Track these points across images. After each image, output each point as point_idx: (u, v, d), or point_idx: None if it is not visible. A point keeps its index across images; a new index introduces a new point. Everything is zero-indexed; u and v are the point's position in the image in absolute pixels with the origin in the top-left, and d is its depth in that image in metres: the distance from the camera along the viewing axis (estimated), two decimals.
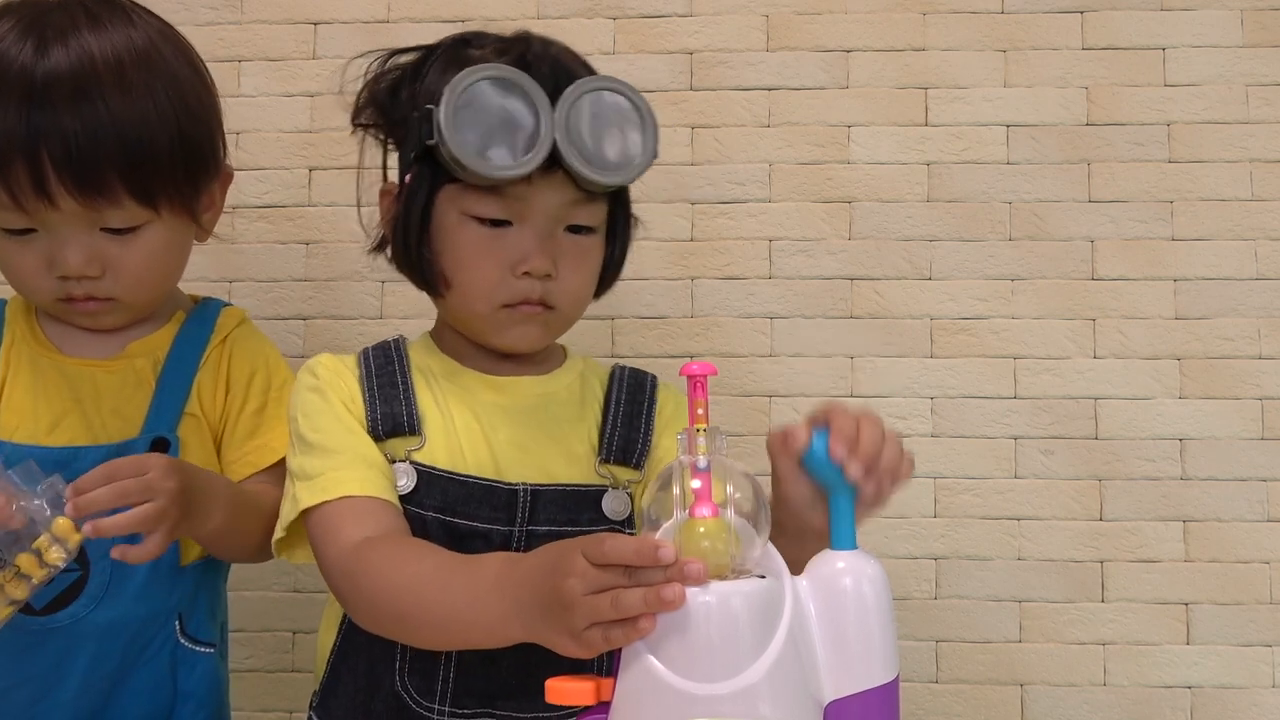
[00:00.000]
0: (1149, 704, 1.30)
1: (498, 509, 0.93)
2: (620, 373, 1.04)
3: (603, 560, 0.70)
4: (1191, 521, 1.31)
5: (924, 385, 1.34)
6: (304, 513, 0.91)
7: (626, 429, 1.00)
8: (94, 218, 0.95)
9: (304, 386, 0.98)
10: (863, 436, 0.78)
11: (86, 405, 1.01)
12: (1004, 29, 1.37)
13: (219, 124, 1.03)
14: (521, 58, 0.94)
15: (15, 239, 0.96)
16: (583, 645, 0.70)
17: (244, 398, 1.05)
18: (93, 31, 0.94)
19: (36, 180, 0.91)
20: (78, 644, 0.97)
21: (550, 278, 0.95)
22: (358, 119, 1.04)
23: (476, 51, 0.97)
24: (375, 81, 1.02)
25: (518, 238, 0.94)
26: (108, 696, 0.99)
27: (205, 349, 1.05)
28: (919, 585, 1.32)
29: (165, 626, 1.01)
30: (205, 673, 1.04)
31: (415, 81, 0.98)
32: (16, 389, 1.01)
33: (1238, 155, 1.33)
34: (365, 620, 0.88)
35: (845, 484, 0.76)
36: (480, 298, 0.96)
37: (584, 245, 0.98)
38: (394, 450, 0.95)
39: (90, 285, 0.97)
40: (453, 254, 0.96)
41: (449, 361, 1.01)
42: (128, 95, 0.93)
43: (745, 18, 1.38)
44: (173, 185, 0.97)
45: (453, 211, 0.95)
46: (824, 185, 1.36)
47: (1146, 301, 1.33)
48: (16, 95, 0.91)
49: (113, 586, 0.97)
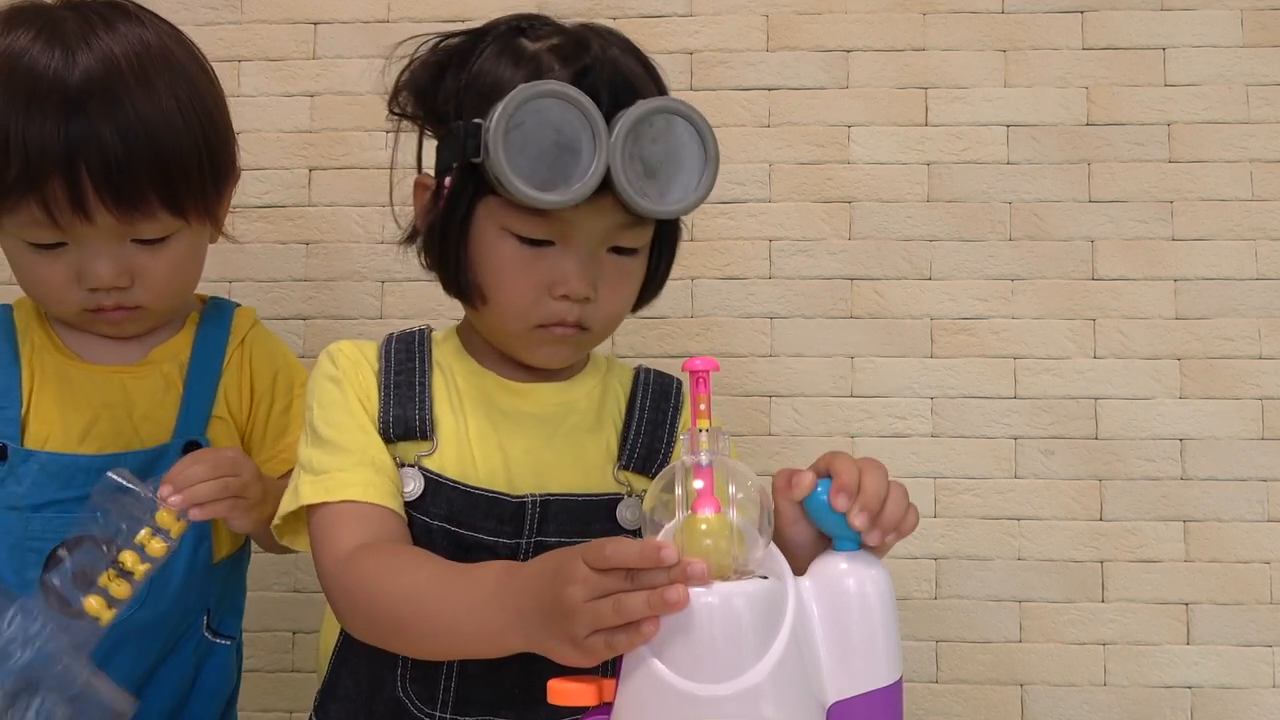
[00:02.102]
0: (1149, 704, 1.30)
1: (504, 521, 0.91)
2: (645, 376, 1.01)
3: (604, 565, 0.69)
4: (1191, 521, 1.31)
5: (924, 385, 1.34)
6: (306, 508, 0.90)
7: (650, 438, 0.97)
8: (127, 231, 0.95)
9: (322, 374, 0.95)
10: (865, 486, 0.76)
11: (117, 412, 1.01)
12: (1004, 29, 1.37)
13: (230, 126, 1.04)
14: (582, 70, 0.87)
15: (43, 253, 0.95)
16: (585, 653, 0.69)
17: (270, 399, 1.06)
18: (109, 34, 0.93)
19: (75, 198, 0.91)
20: (121, 645, 0.97)
21: (589, 300, 0.91)
22: (394, 104, 0.97)
23: (531, 45, 0.90)
24: (419, 66, 0.95)
25: (559, 259, 0.89)
26: (138, 690, 0.99)
27: (226, 352, 1.06)
28: (919, 585, 1.32)
29: (196, 622, 1.02)
30: (221, 663, 1.05)
31: (462, 71, 0.91)
32: (45, 398, 1.00)
33: (1238, 155, 1.33)
34: (361, 630, 0.86)
35: (849, 531, 0.75)
36: (514, 316, 0.91)
37: (626, 267, 0.93)
38: (403, 454, 0.92)
39: (120, 295, 0.97)
40: (490, 268, 0.91)
41: (470, 362, 0.97)
42: (152, 95, 0.93)
43: (745, 18, 1.38)
44: (200, 193, 0.97)
45: (492, 225, 0.90)
46: (824, 185, 1.36)
47: (1146, 301, 1.33)
48: (53, 105, 0.90)
49: (154, 588, 0.96)
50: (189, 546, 0.99)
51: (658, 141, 0.87)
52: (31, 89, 0.90)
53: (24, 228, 0.94)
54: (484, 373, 0.97)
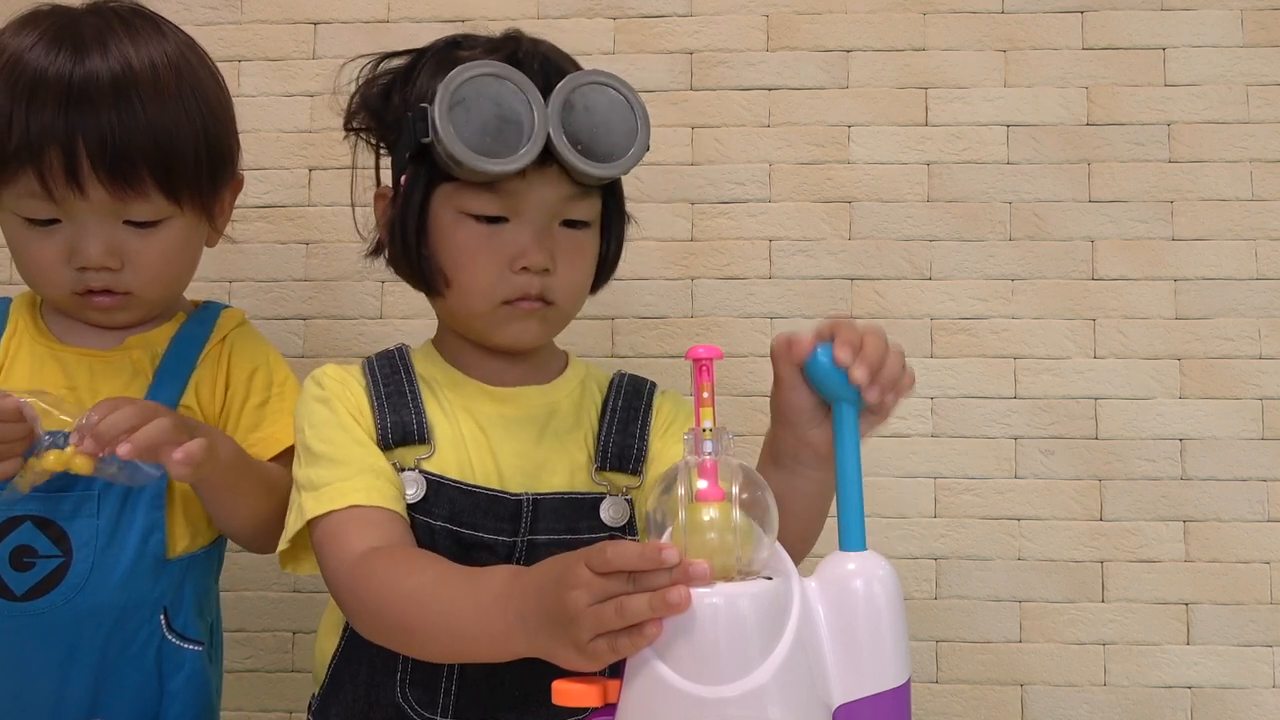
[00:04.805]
0: (1149, 704, 1.30)
1: (503, 520, 0.93)
2: (620, 379, 1.04)
3: (606, 568, 0.69)
4: (1191, 521, 1.31)
5: (924, 385, 1.34)
6: (310, 523, 0.91)
7: (622, 435, 0.99)
8: (119, 209, 0.97)
9: (310, 397, 0.98)
10: (867, 345, 0.79)
11: (82, 393, 1.01)
12: (1004, 29, 1.37)
13: (235, 129, 1.07)
14: (512, 55, 0.95)
15: (37, 229, 0.98)
16: (588, 658, 0.70)
17: (245, 393, 1.07)
18: (130, 40, 0.98)
19: (70, 168, 0.94)
20: (58, 631, 0.97)
21: (548, 272, 0.95)
22: (350, 123, 1.04)
23: (466, 53, 0.97)
24: (367, 86, 1.02)
25: (514, 234, 0.94)
26: (93, 692, 0.99)
27: (204, 346, 1.07)
28: (919, 585, 1.32)
29: (150, 620, 1.01)
30: (193, 673, 1.03)
31: (406, 85, 0.98)
32: (13, 376, 1.02)
33: (1238, 155, 1.34)
34: (369, 631, 0.87)
35: (849, 391, 0.78)
36: (479, 295, 0.95)
37: (579, 240, 0.98)
38: (402, 459, 0.94)
39: (109, 278, 0.99)
40: (450, 252, 0.96)
41: (452, 371, 1.00)
42: (163, 102, 0.97)
43: (745, 18, 1.38)
44: (196, 182, 1.00)
45: (449, 210, 0.95)
46: (824, 185, 1.36)
47: (1146, 301, 1.33)
48: (54, 97, 0.94)
49: (95, 574, 0.97)
50: (137, 535, 0.98)
51: (590, 110, 0.93)
52: (35, 84, 0.94)
53: (20, 199, 0.96)
54: (466, 380, 1.00)
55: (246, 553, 1.13)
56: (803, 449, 0.85)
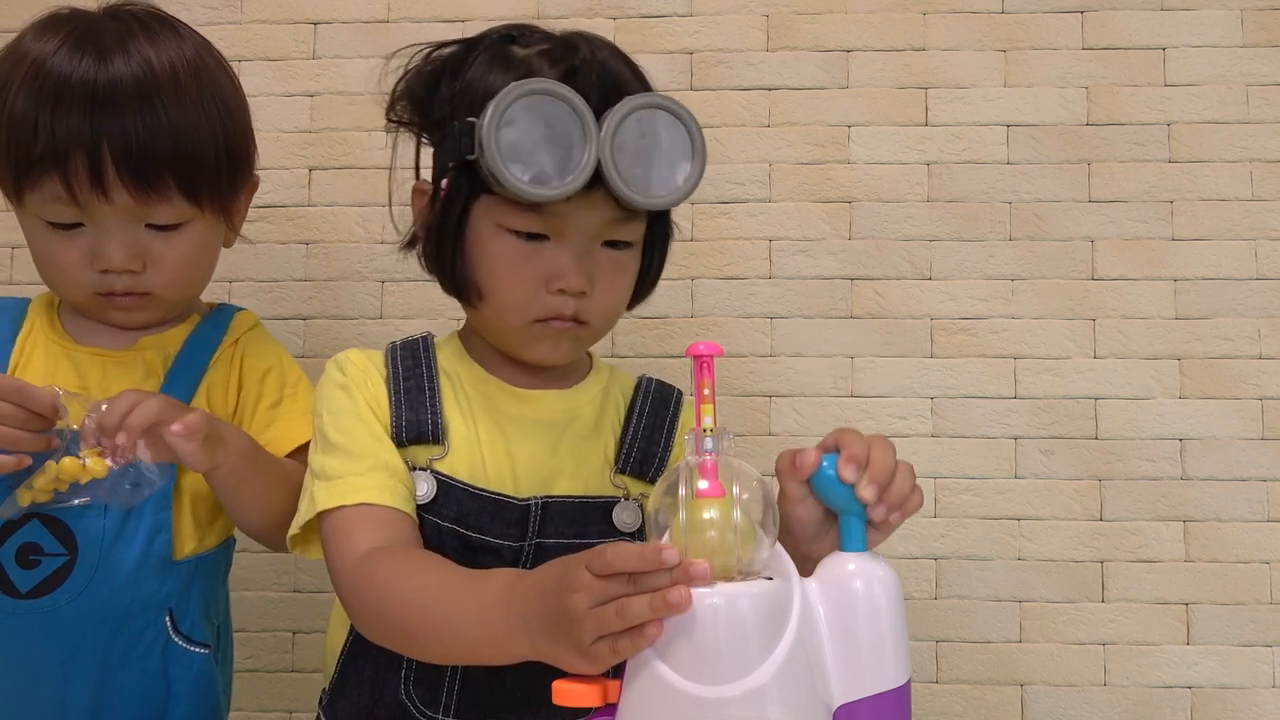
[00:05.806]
0: (1149, 704, 1.30)
1: (510, 524, 0.92)
2: (646, 384, 1.02)
3: (606, 570, 0.69)
4: (1191, 521, 1.31)
5: (924, 385, 1.34)
6: (320, 514, 0.91)
7: (647, 442, 0.98)
8: (142, 213, 0.98)
9: (332, 382, 0.96)
10: (874, 459, 0.76)
11: (94, 393, 1.01)
12: (1004, 29, 1.37)
13: (251, 130, 1.07)
14: (570, 69, 0.90)
15: (60, 233, 0.99)
16: (590, 660, 0.69)
17: (259, 393, 1.07)
18: (150, 44, 0.98)
19: (95, 173, 0.95)
20: (62, 630, 0.97)
21: (585, 295, 0.92)
22: (391, 113, 1.00)
23: (522, 51, 0.93)
24: (414, 76, 0.98)
25: (554, 253, 0.91)
26: (97, 693, 0.99)
27: (217, 348, 1.07)
28: (919, 585, 1.32)
29: (155, 622, 1.01)
30: (199, 675, 1.03)
31: (456, 79, 0.94)
32: (27, 375, 1.02)
33: (1238, 155, 1.34)
34: (371, 632, 0.87)
35: (856, 504, 0.76)
36: (512, 311, 0.93)
37: (621, 261, 0.95)
38: (415, 457, 0.93)
39: (131, 280, 1.00)
40: (486, 266, 0.93)
41: (476, 369, 0.99)
42: (184, 104, 0.98)
43: (745, 18, 1.38)
44: (216, 183, 1.01)
45: (488, 223, 0.92)
46: (824, 185, 1.36)
47: (1146, 301, 1.33)
48: (79, 102, 0.94)
49: (99, 574, 0.97)
50: (143, 536, 0.99)
51: (646, 136, 0.89)
52: (60, 88, 0.94)
53: (44, 203, 0.97)
54: (490, 379, 0.98)
55: (247, 553, 1.13)
56: (804, 563, 0.79)
